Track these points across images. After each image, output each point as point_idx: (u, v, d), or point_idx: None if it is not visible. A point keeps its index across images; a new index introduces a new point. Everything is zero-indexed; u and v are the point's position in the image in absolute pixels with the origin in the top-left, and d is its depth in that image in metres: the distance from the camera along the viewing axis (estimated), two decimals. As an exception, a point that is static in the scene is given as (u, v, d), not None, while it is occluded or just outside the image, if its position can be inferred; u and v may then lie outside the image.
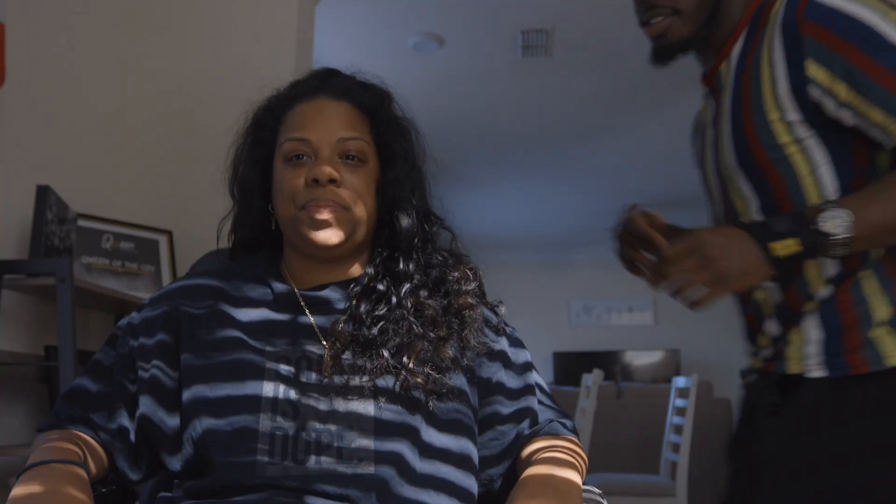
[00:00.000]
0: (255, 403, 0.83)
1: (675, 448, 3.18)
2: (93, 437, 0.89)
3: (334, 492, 0.79)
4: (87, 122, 2.32)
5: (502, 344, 0.99)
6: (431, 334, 0.90)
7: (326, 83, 0.97)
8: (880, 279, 0.96)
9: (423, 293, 0.93)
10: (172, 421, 0.87)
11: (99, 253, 2.22)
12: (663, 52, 1.12)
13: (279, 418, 0.83)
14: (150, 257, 2.31)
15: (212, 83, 2.49)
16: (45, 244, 1.88)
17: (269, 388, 0.84)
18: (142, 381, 0.89)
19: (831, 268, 0.98)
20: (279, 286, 0.95)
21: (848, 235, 0.88)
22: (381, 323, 0.90)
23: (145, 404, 0.88)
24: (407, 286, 0.93)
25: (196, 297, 0.94)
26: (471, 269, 0.98)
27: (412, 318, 0.91)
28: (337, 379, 0.86)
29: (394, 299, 0.92)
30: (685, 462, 3.07)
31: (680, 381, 3.44)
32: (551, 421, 0.99)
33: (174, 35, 2.56)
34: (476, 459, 0.90)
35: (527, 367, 1.01)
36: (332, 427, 0.83)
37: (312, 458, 0.81)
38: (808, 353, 0.98)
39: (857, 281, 0.97)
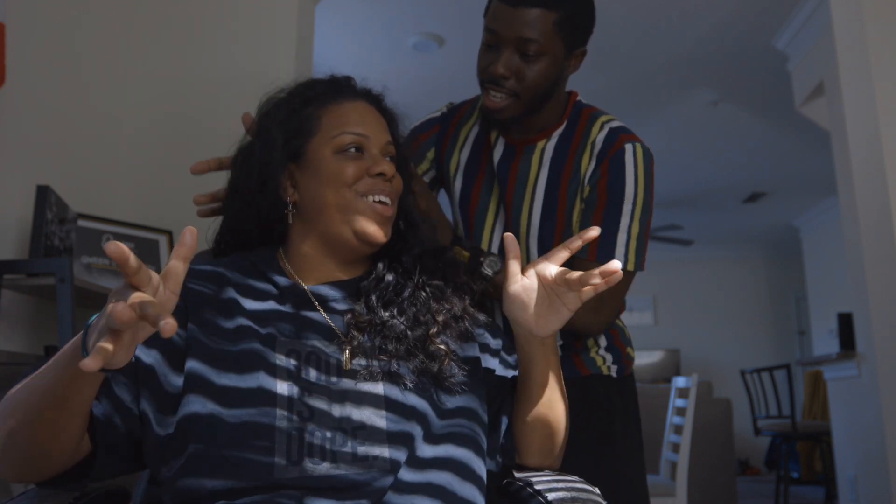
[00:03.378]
0: (269, 398, 0.82)
1: (675, 448, 3.18)
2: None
3: (343, 494, 0.79)
4: (88, 122, 2.32)
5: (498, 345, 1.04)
6: (443, 307, 0.96)
7: (362, 89, 1.04)
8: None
9: (427, 277, 0.98)
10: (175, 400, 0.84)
11: (99, 253, 2.22)
12: (495, 122, 1.36)
13: (294, 416, 0.82)
14: (150, 257, 2.31)
15: (212, 83, 2.49)
16: (45, 244, 1.88)
17: (282, 385, 0.84)
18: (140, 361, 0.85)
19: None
20: (284, 281, 0.94)
21: (488, 276, 1.26)
22: (395, 307, 0.94)
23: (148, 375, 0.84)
24: (414, 275, 0.98)
25: (204, 279, 0.93)
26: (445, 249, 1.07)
27: (423, 297, 0.96)
28: (346, 381, 0.86)
29: (407, 286, 0.97)
30: (685, 462, 3.07)
31: (680, 381, 3.43)
32: None
33: (174, 35, 2.56)
34: (482, 471, 0.91)
35: None
36: (344, 430, 0.83)
37: (326, 461, 0.80)
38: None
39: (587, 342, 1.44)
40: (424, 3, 3.82)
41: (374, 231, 0.96)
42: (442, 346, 0.91)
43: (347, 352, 0.89)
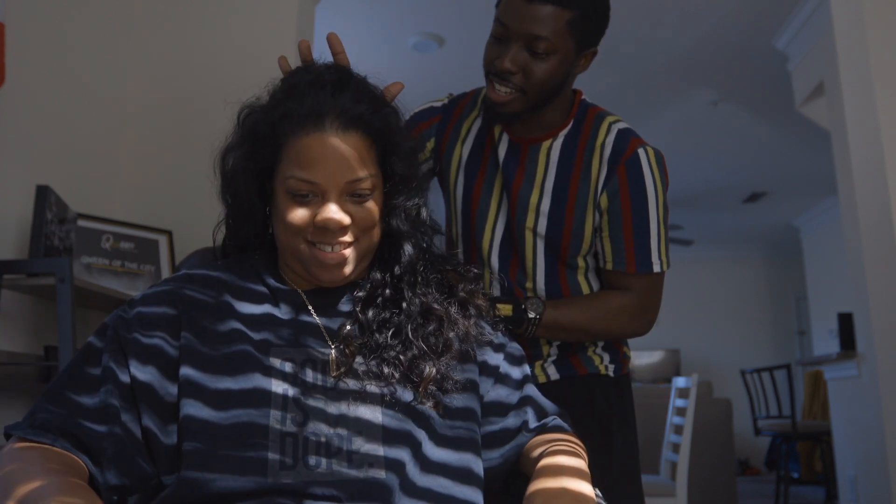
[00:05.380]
0: (264, 399, 0.82)
1: (675, 448, 3.17)
2: (72, 451, 0.80)
3: (340, 495, 0.79)
4: (88, 122, 2.32)
5: (497, 360, 1.00)
6: (439, 340, 0.92)
7: (333, 106, 0.89)
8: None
9: (430, 297, 0.95)
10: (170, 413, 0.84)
11: (99, 253, 2.22)
12: (498, 116, 1.33)
13: (289, 416, 0.82)
14: (149, 257, 2.31)
15: (212, 84, 2.49)
16: (45, 244, 1.88)
17: (277, 386, 0.84)
18: (135, 375, 0.85)
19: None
20: (281, 287, 0.94)
21: (535, 320, 1.29)
22: (391, 328, 0.91)
23: (144, 388, 0.84)
24: (412, 293, 0.94)
25: (202, 285, 0.92)
26: (474, 276, 1.01)
27: (419, 322, 0.92)
28: (343, 384, 0.86)
29: (403, 304, 0.93)
30: (685, 462, 3.07)
31: (680, 381, 3.43)
32: (554, 417, 1.01)
33: (174, 36, 2.56)
34: (481, 472, 0.90)
35: (525, 380, 1.02)
36: (342, 430, 0.83)
37: (323, 461, 0.80)
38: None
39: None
40: (424, 3, 3.82)
41: (327, 277, 0.91)
42: (438, 375, 0.89)
43: (334, 362, 0.88)
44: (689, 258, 8.96)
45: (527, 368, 1.03)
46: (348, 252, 0.90)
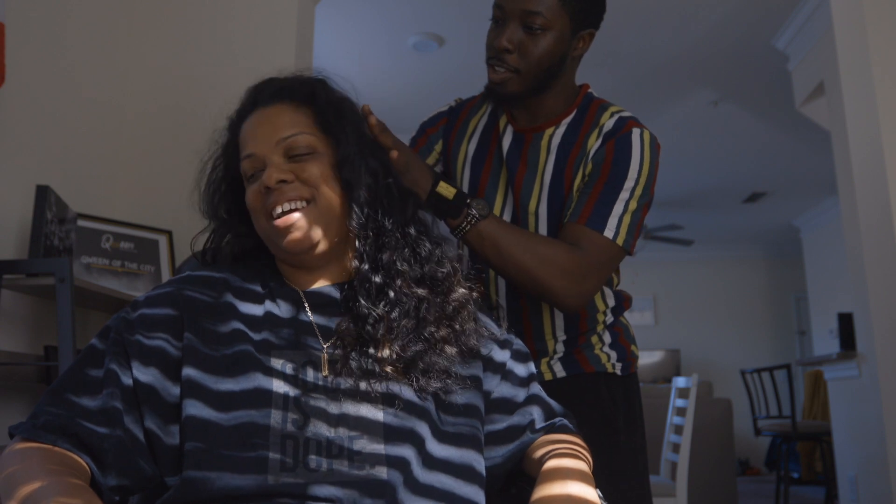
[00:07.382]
0: (265, 399, 0.83)
1: (676, 448, 3.17)
2: (74, 451, 0.80)
3: (342, 495, 0.79)
4: (87, 122, 2.32)
5: (504, 356, 1.00)
6: (434, 333, 0.91)
7: (260, 94, 0.99)
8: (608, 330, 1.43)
9: (420, 290, 0.93)
10: (174, 410, 0.84)
11: (98, 253, 2.22)
12: (497, 96, 1.35)
13: (290, 416, 0.82)
14: (149, 257, 2.31)
15: (212, 84, 2.49)
16: (45, 244, 1.88)
17: (278, 386, 0.84)
18: (138, 376, 0.85)
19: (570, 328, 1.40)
20: (280, 287, 0.95)
21: (474, 217, 1.21)
22: (384, 320, 0.90)
23: (145, 390, 0.84)
24: (399, 280, 0.92)
25: (202, 286, 0.93)
26: (457, 259, 0.99)
27: (413, 313, 0.91)
28: (343, 383, 0.86)
29: (391, 293, 0.91)
30: (685, 462, 3.07)
31: (680, 381, 3.43)
32: (561, 419, 1.00)
33: (174, 36, 2.56)
34: (482, 470, 0.90)
35: (531, 378, 1.02)
36: (343, 430, 0.83)
37: (324, 462, 0.81)
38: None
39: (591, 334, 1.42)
40: (424, 3, 3.82)
41: (290, 246, 0.91)
42: (437, 365, 0.89)
43: (325, 360, 0.88)
44: (689, 258, 8.97)
45: (532, 366, 1.03)
46: (297, 215, 0.92)
